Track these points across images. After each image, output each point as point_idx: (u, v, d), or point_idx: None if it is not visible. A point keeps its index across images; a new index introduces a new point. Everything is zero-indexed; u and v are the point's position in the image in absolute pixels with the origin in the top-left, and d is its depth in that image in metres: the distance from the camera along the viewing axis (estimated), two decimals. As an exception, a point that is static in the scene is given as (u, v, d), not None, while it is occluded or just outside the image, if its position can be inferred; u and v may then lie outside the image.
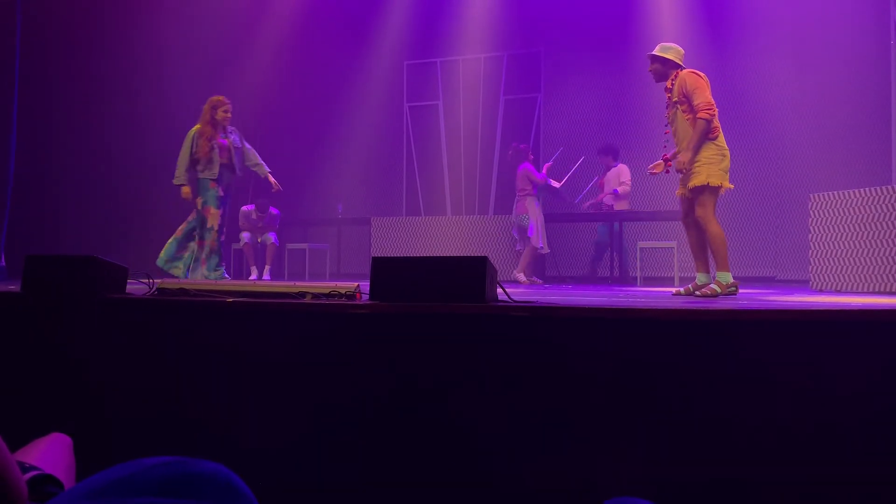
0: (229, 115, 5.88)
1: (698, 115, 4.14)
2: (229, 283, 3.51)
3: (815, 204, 5.58)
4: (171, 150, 6.06)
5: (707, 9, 8.12)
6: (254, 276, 8.11)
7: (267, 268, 8.15)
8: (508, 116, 9.07)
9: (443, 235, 8.42)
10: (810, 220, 5.56)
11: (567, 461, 2.26)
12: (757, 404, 2.16)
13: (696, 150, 4.15)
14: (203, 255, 5.79)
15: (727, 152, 4.24)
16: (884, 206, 4.91)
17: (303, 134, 9.96)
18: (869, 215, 5.02)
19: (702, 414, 2.19)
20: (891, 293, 4.82)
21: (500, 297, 2.69)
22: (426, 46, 9.50)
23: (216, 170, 5.82)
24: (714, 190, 4.18)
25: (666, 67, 4.39)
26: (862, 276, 5.06)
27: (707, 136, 4.16)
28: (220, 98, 5.90)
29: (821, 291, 5.35)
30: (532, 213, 7.30)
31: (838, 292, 5.17)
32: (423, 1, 9.42)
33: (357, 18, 9.61)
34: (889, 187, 4.94)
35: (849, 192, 5.18)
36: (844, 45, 7.42)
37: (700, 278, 4.33)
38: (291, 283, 3.15)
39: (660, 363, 2.24)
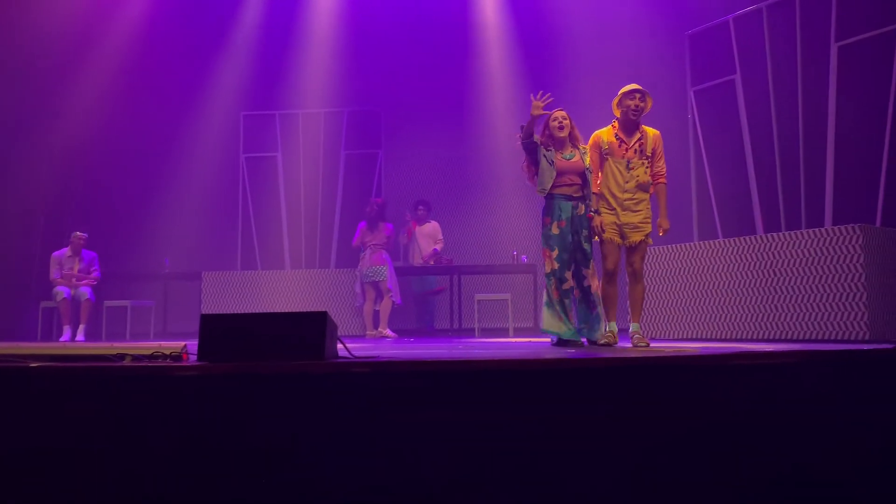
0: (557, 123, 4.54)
1: (662, 181, 4.33)
2: (33, 347, 3.13)
3: (649, 258, 6.07)
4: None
5: (533, 70, 8.85)
6: (65, 336, 7.32)
7: (81, 327, 7.40)
8: (350, 170, 9.10)
9: (281, 290, 8.15)
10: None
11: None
12: (585, 443, 2.25)
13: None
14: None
15: None
16: (687, 260, 5.46)
17: (129, 181, 9.33)
18: (677, 268, 5.55)
19: (530, 457, 2.25)
20: (700, 339, 5.33)
21: (340, 353, 2.62)
22: (264, 98, 9.37)
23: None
24: None
25: (645, 111, 4.34)
26: (678, 323, 5.55)
27: None
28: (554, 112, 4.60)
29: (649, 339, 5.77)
30: (390, 265, 7.39)
31: (661, 339, 5.62)
32: (262, 53, 9.35)
33: (192, 67, 9.29)
34: (691, 244, 5.51)
35: (661, 248, 5.71)
36: (651, 116, 8.25)
37: (636, 327, 4.32)
38: (109, 345, 2.87)
39: (502, 411, 2.28)
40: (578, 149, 4.56)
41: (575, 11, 8.77)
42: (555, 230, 4.48)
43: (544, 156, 4.52)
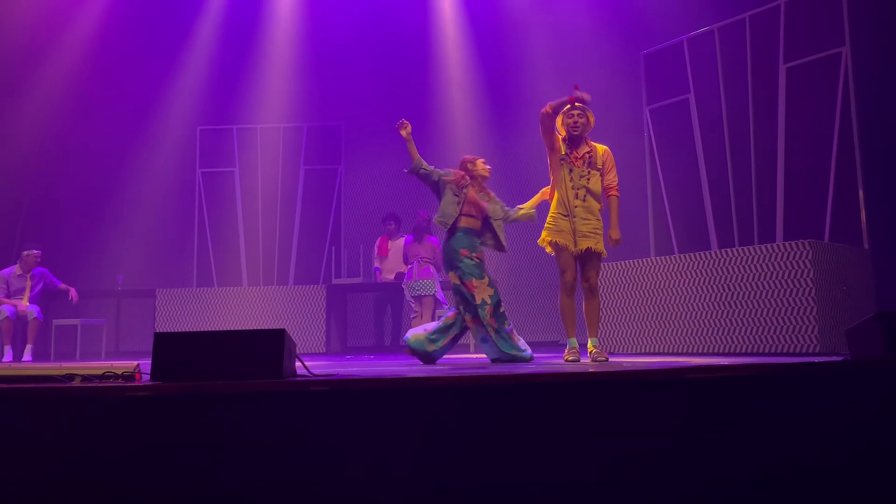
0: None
1: (614, 193, 4.39)
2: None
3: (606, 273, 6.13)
4: None
5: (492, 87, 8.96)
6: (7, 356, 7.04)
7: (29, 347, 7.13)
8: (309, 186, 9.02)
9: (238, 308, 8.00)
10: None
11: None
12: (547, 458, 2.25)
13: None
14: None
15: None
16: (644, 275, 5.55)
17: (81, 196, 9.09)
18: (634, 284, 5.63)
19: (493, 473, 2.24)
20: (656, 353, 5.40)
21: (299, 371, 2.58)
22: (221, 112, 9.24)
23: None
24: None
25: (588, 126, 4.46)
26: (635, 338, 5.62)
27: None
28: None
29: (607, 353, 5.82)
30: (437, 279, 7.31)
31: (618, 354, 5.68)
32: (219, 66, 9.22)
33: (147, 79, 9.12)
34: (647, 259, 5.60)
35: (618, 264, 5.79)
36: (608, 134, 8.41)
37: (594, 342, 4.32)
38: (57, 365, 2.77)
39: (460, 427, 2.26)
40: (489, 195, 4.80)
41: (533, 30, 8.91)
42: (475, 259, 4.61)
43: (456, 194, 4.75)
